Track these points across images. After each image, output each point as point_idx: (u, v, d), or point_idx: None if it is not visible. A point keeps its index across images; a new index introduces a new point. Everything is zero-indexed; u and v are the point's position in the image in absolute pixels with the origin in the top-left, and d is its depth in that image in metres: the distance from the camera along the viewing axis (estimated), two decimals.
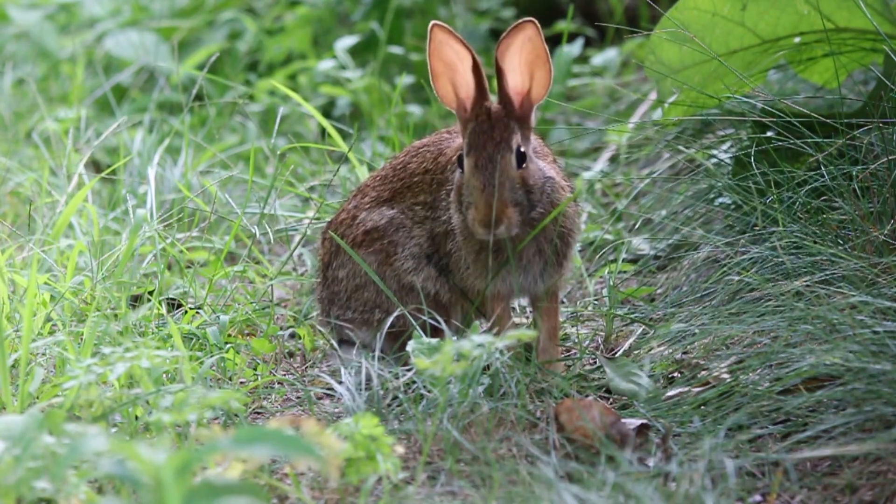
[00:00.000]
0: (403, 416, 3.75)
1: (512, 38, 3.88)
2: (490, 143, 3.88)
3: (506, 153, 3.87)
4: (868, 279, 3.89)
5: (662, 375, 4.03)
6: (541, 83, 3.93)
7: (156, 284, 4.51)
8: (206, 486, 2.80)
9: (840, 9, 4.50)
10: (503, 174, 3.86)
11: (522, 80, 3.93)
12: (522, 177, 3.89)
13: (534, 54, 3.91)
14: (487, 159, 3.86)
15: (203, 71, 5.53)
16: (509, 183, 3.86)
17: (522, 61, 3.91)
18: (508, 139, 3.88)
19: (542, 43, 3.90)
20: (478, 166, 3.86)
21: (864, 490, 3.43)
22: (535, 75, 3.93)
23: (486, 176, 3.85)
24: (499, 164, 3.86)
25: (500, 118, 3.90)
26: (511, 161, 3.87)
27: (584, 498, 3.32)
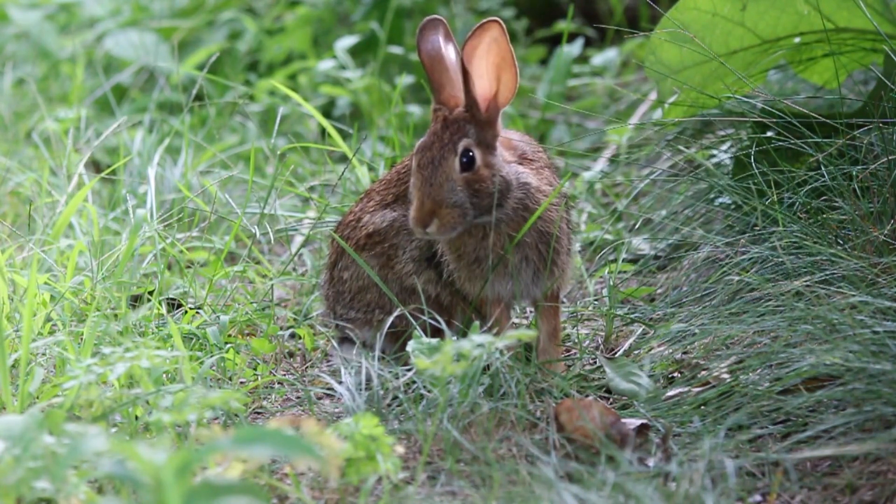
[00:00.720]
0: (403, 416, 3.75)
1: (477, 39, 3.88)
2: (437, 144, 3.90)
3: (448, 155, 3.89)
4: (868, 279, 3.89)
5: (662, 375, 4.03)
6: (507, 86, 3.94)
7: (156, 284, 4.51)
8: (206, 486, 2.80)
9: (840, 9, 4.50)
10: (442, 175, 3.87)
11: (490, 84, 3.93)
12: (467, 180, 3.89)
13: (500, 57, 3.91)
14: (429, 160, 3.89)
15: (203, 71, 5.53)
16: (448, 184, 3.88)
17: (489, 64, 3.91)
18: (456, 142, 3.90)
19: (507, 44, 3.90)
20: (420, 166, 3.90)
21: (864, 490, 3.43)
22: (501, 78, 3.93)
23: (424, 175, 3.88)
24: (439, 165, 3.87)
25: (455, 121, 3.92)
26: (453, 163, 3.89)
27: (584, 498, 3.32)
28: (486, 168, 3.92)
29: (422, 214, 3.88)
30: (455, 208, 3.88)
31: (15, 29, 7.38)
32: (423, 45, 3.98)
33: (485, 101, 3.94)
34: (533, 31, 6.96)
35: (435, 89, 3.98)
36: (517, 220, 3.96)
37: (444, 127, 3.93)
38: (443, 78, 3.97)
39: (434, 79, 3.97)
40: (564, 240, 4.05)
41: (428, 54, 3.98)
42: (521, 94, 6.44)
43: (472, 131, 3.92)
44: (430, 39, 3.98)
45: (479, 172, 3.91)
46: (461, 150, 3.90)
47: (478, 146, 3.92)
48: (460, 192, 3.89)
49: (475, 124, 3.93)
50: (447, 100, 3.97)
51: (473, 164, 3.91)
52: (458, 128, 3.92)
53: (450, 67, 3.96)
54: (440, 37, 3.99)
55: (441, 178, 3.88)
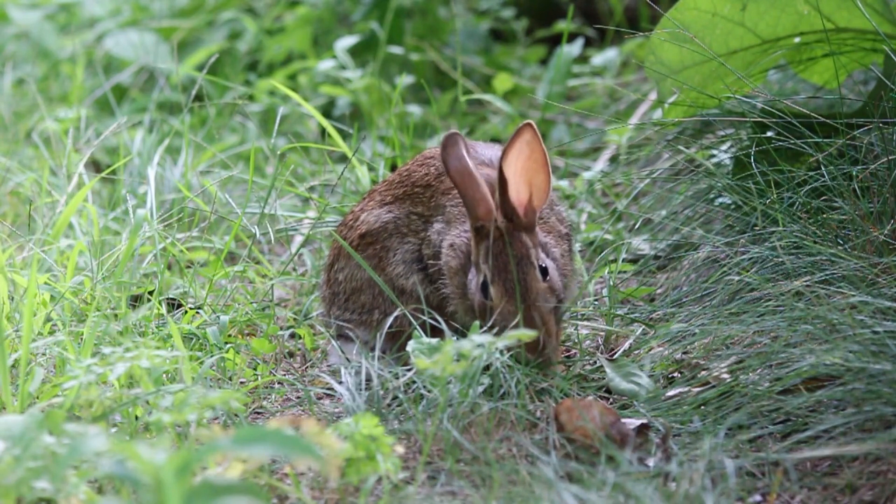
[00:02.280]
0: (403, 416, 3.75)
1: (516, 145, 3.83)
2: (508, 264, 3.86)
3: (528, 269, 3.86)
4: (868, 279, 3.89)
5: (662, 375, 4.03)
6: (541, 188, 3.90)
7: (156, 284, 4.51)
8: (206, 486, 2.80)
9: (840, 9, 4.50)
10: (534, 291, 3.85)
11: (524, 192, 3.89)
12: (550, 287, 3.89)
13: (533, 159, 3.87)
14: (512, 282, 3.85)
15: (203, 71, 5.53)
16: (542, 297, 3.86)
17: (521, 169, 3.87)
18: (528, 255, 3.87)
19: (540, 146, 3.86)
20: (507, 291, 3.86)
21: (864, 490, 3.43)
22: (534, 182, 3.89)
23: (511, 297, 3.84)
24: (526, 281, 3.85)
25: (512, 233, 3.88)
26: (536, 276, 3.87)
27: (584, 498, 3.32)
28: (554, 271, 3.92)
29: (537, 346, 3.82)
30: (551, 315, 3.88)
31: (15, 29, 7.37)
32: (451, 164, 3.90)
33: (522, 206, 3.89)
34: (533, 31, 6.96)
35: (470, 206, 3.89)
36: None
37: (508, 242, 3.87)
38: (476, 194, 3.89)
39: (468, 195, 3.89)
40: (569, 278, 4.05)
41: (458, 172, 3.90)
42: (521, 94, 6.44)
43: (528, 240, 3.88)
44: (455, 156, 3.90)
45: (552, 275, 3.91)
46: (537, 262, 3.88)
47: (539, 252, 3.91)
48: (550, 299, 3.88)
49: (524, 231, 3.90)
50: (484, 215, 3.89)
51: (547, 273, 3.90)
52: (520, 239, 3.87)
53: (479, 182, 3.88)
54: (463, 152, 3.91)
55: (533, 295, 3.85)
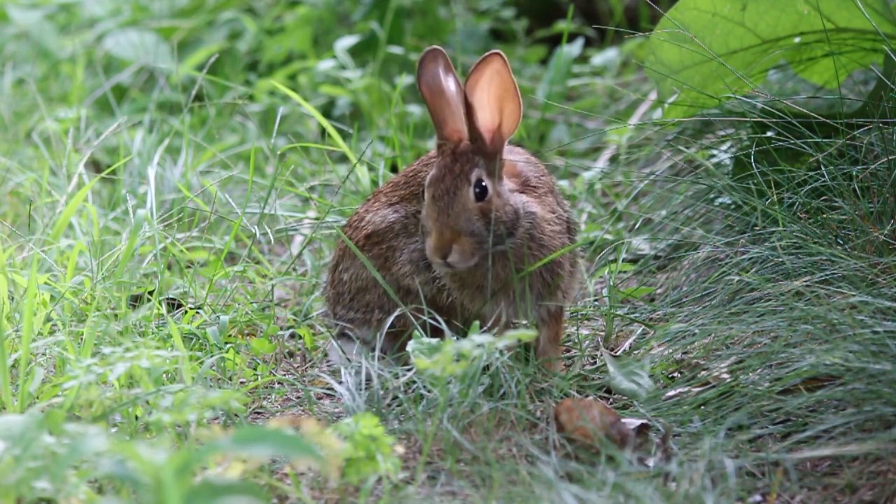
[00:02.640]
0: (403, 416, 3.75)
1: (479, 72, 3.88)
2: (449, 175, 3.91)
3: (462, 185, 3.90)
4: (868, 279, 3.89)
5: (662, 375, 4.03)
6: (511, 118, 3.94)
7: (156, 284, 4.51)
8: (206, 486, 2.80)
9: (840, 9, 4.50)
10: (458, 205, 3.88)
11: (493, 116, 3.93)
12: (482, 209, 3.90)
13: (502, 88, 3.91)
14: (444, 191, 3.90)
15: (203, 71, 5.53)
16: (465, 214, 3.88)
17: (491, 96, 3.92)
18: (468, 172, 3.91)
19: (510, 76, 3.91)
20: (434, 197, 3.90)
21: (864, 490, 3.43)
22: (504, 109, 3.93)
23: (440, 206, 3.89)
24: (454, 195, 3.89)
25: (464, 153, 3.93)
26: (468, 193, 3.89)
27: (584, 498, 3.32)
28: (497, 198, 3.93)
29: (441, 244, 3.88)
30: (473, 237, 3.89)
31: (15, 29, 7.37)
32: (424, 78, 3.98)
33: (489, 133, 3.94)
34: (533, 31, 6.96)
35: (438, 124, 3.97)
36: (525, 249, 3.97)
37: (453, 159, 3.93)
38: (445, 112, 3.96)
39: (436, 112, 3.97)
40: (567, 265, 4.05)
41: (429, 87, 3.97)
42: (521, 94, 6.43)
43: (482, 162, 3.93)
44: (430, 72, 3.98)
45: (492, 202, 3.92)
46: (474, 180, 3.91)
47: (488, 177, 3.93)
48: (476, 222, 3.90)
49: (482, 156, 3.93)
50: (451, 134, 3.96)
51: (486, 194, 3.92)
52: (468, 159, 3.93)
53: (451, 100, 3.96)
54: (440, 69, 3.98)
55: (458, 208, 3.89)
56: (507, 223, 3.93)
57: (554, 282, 4.01)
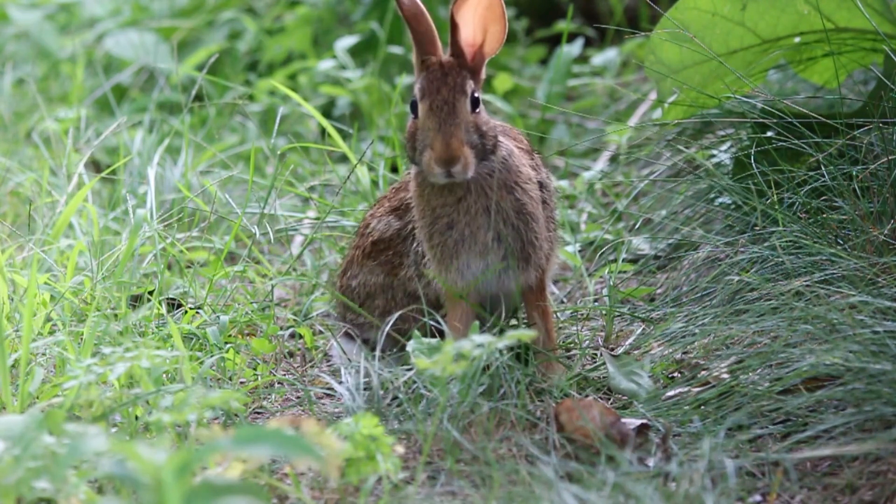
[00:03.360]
0: (403, 416, 3.75)
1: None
2: (444, 87, 3.90)
3: (460, 96, 3.90)
4: (868, 279, 3.89)
5: (662, 375, 4.03)
6: (494, 37, 3.96)
7: (156, 284, 4.51)
8: (206, 486, 2.80)
9: (840, 9, 4.50)
10: (458, 115, 3.88)
11: (475, 34, 3.95)
12: (476, 122, 3.90)
13: (489, 9, 3.93)
14: (443, 101, 3.89)
15: (203, 71, 5.53)
16: (464, 125, 3.88)
17: (477, 15, 3.93)
18: (463, 84, 3.91)
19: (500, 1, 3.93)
20: (433, 108, 3.89)
21: (864, 490, 3.43)
22: (489, 29, 3.95)
23: (441, 116, 3.88)
24: (454, 105, 3.89)
25: (452, 66, 3.93)
26: (466, 104, 3.90)
27: (584, 498, 3.32)
28: (484, 113, 3.95)
29: (450, 153, 3.84)
30: (472, 148, 3.88)
31: (15, 29, 7.38)
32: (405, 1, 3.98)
33: (471, 49, 3.95)
34: (533, 31, 6.96)
35: (418, 41, 3.97)
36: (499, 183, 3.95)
37: (444, 72, 3.92)
38: (426, 29, 3.97)
39: (417, 30, 3.97)
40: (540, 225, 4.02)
41: (410, 9, 3.97)
42: (522, 94, 6.44)
43: (468, 77, 3.93)
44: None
45: (480, 115, 3.93)
46: (470, 91, 3.91)
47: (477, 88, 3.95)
48: (473, 133, 3.90)
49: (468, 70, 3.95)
50: (431, 50, 3.97)
51: (478, 106, 3.93)
52: (458, 72, 3.93)
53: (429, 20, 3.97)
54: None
55: (459, 119, 3.88)
56: (491, 139, 3.92)
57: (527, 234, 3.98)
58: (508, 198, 3.95)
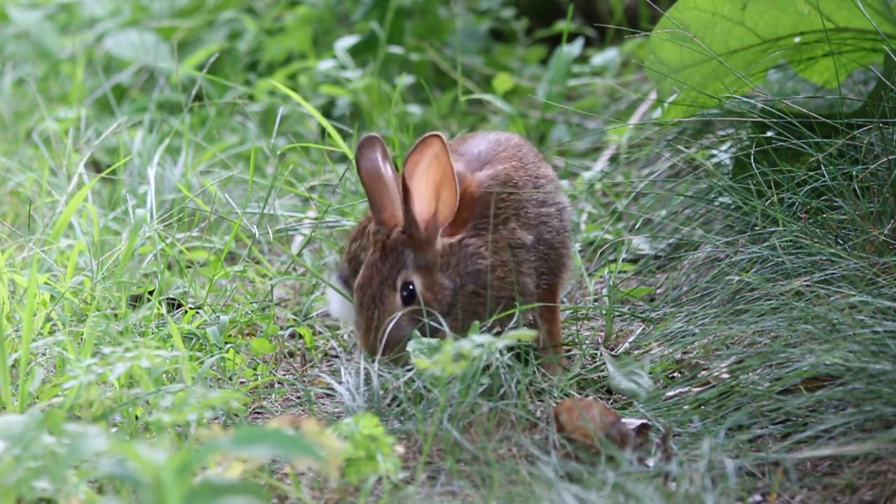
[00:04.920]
0: (403, 416, 3.75)
1: (419, 155, 3.81)
2: (376, 279, 3.87)
3: (389, 292, 3.86)
4: (868, 279, 3.89)
5: (662, 375, 4.03)
6: (447, 204, 3.88)
7: (156, 284, 4.51)
8: (206, 486, 2.80)
9: (840, 9, 4.50)
10: (385, 314, 3.85)
11: (429, 204, 3.87)
12: (411, 312, 3.85)
13: (440, 173, 3.84)
14: (370, 299, 3.86)
15: (203, 71, 5.53)
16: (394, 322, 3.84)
17: (429, 183, 3.85)
18: (394, 276, 3.86)
19: (448, 160, 3.83)
20: (362, 305, 3.87)
21: (864, 490, 3.43)
22: (441, 197, 3.87)
23: (368, 316, 3.86)
24: (381, 303, 3.85)
25: (393, 248, 3.87)
26: (394, 300, 3.86)
27: (584, 498, 3.32)
28: (429, 291, 3.88)
29: (370, 353, 3.84)
30: (402, 337, 3.84)
31: (15, 29, 7.37)
32: (363, 164, 3.91)
33: (424, 221, 3.87)
34: (533, 31, 6.96)
35: (375, 209, 3.90)
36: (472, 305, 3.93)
37: (382, 258, 3.87)
38: (384, 198, 3.90)
39: (374, 199, 3.90)
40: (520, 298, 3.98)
41: (368, 173, 3.90)
42: (521, 94, 6.44)
43: (411, 258, 3.87)
44: (369, 158, 3.91)
45: (424, 298, 3.87)
46: (401, 285, 3.86)
47: (418, 272, 3.87)
48: (406, 326, 3.86)
49: (414, 248, 3.88)
50: (388, 219, 3.90)
51: (414, 296, 3.87)
52: (397, 257, 3.87)
53: (389, 186, 3.89)
54: (378, 155, 3.91)
55: (384, 317, 3.85)
56: (443, 305, 3.88)
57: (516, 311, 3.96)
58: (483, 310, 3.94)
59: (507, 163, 4.07)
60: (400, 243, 3.88)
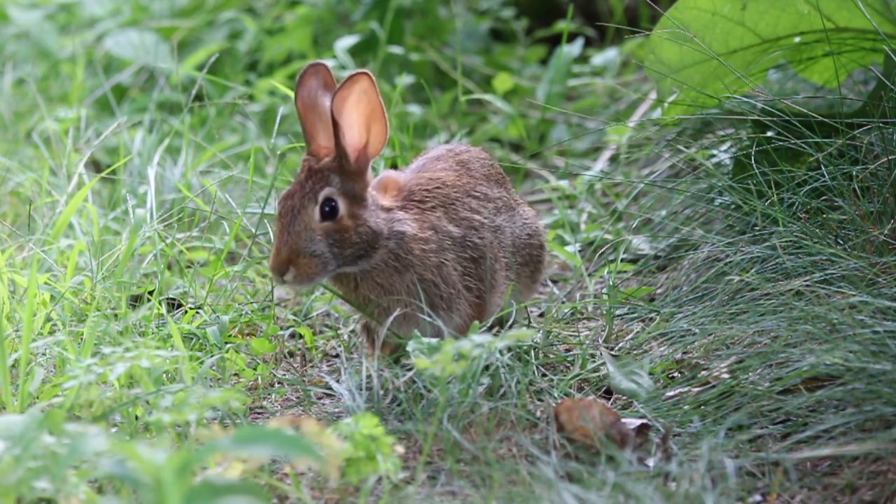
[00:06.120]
0: (403, 416, 3.75)
1: (347, 90, 3.84)
2: (298, 192, 3.88)
3: (308, 204, 3.86)
4: (868, 279, 3.89)
5: (662, 375, 4.03)
6: (378, 138, 3.90)
7: (156, 284, 4.51)
8: (206, 486, 2.80)
9: (840, 9, 4.50)
10: (300, 224, 3.85)
11: (360, 135, 3.90)
12: (328, 230, 3.86)
13: (370, 108, 3.87)
14: (289, 208, 3.87)
15: (203, 71, 5.53)
16: (307, 233, 3.85)
17: (360, 115, 3.88)
18: (317, 191, 3.87)
19: (377, 96, 3.87)
20: (280, 214, 3.88)
21: (864, 490, 3.43)
22: (371, 130, 3.90)
23: (283, 223, 3.86)
24: (298, 213, 3.86)
25: (320, 171, 3.89)
26: (313, 212, 3.86)
27: (584, 498, 3.32)
28: (351, 219, 3.88)
29: (278, 262, 3.85)
30: (313, 258, 3.85)
31: (15, 29, 7.38)
32: (300, 92, 3.93)
33: (355, 151, 3.89)
34: (533, 31, 6.97)
35: (307, 139, 3.93)
36: (390, 270, 3.94)
37: (308, 176, 3.89)
38: (315, 127, 3.92)
39: (307, 128, 3.93)
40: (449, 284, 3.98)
41: (303, 102, 3.93)
42: (521, 94, 6.44)
43: (338, 181, 3.88)
44: (307, 86, 3.93)
45: (342, 222, 3.87)
46: (322, 200, 3.87)
47: (343, 196, 3.88)
48: (319, 242, 3.86)
49: (342, 175, 3.89)
50: (317, 150, 3.92)
51: (336, 214, 3.87)
52: (322, 177, 3.88)
53: (323, 117, 3.91)
54: (318, 84, 3.93)
55: (300, 227, 3.85)
56: (358, 245, 3.89)
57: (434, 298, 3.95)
58: (406, 277, 3.94)
59: (444, 172, 4.11)
60: (328, 168, 3.91)
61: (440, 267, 3.96)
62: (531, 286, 4.24)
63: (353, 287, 3.94)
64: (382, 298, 3.93)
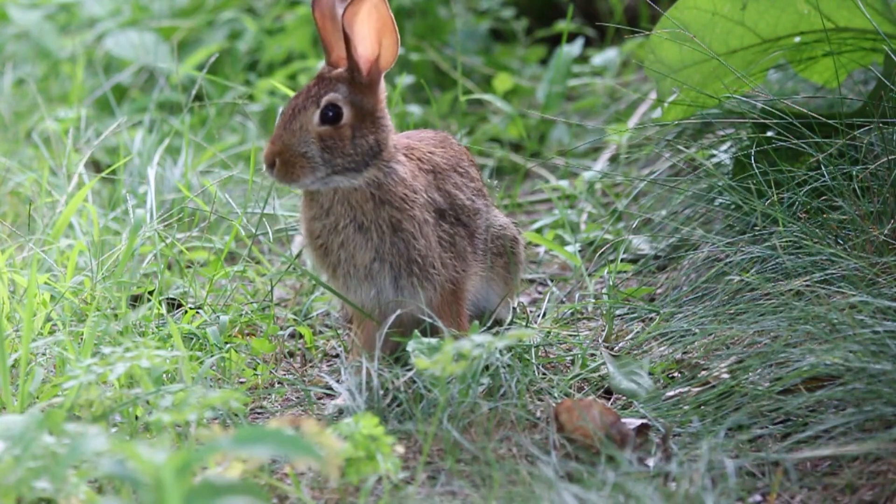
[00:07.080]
0: (403, 416, 3.75)
1: (357, 4, 3.88)
2: (304, 94, 3.93)
3: (310, 106, 3.91)
4: (868, 279, 3.89)
5: (662, 375, 4.03)
6: (389, 51, 3.95)
7: (156, 284, 4.51)
8: (206, 486, 2.80)
9: (840, 9, 4.50)
10: (298, 122, 3.89)
11: (371, 48, 3.94)
12: (323, 134, 3.90)
13: (381, 22, 3.92)
14: (292, 107, 3.92)
15: (203, 71, 5.53)
16: (302, 133, 3.89)
17: (371, 29, 3.92)
18: (321, 95, 3.92)
19: (387, 10, 3.92)
20: (283, 112, 3.94)
21: (864, 490, 3.43)
22: (383, 43, 3.94)
23: (283, 119, 3.91)
24: (299, 113, 3.90)
25: (330, 78, 3.94)
26: (313, 114, 3.90)
27: (584, 498, 3.32)
28: (352, 129, 3.92)
29: (268, 153, 3.90)
30: (302, 158, 3.89)
31: (15, 29, 7.37)
32: (317, 4, 3.99)
33: (367, 63, 3.95)
34: (533, 31, 6.96)
35: (326, 49, 4.00)
36: (368, 203, 3.95)
37: (317, 82, 3.95)
38: (332, 38, 3.99)
39: (325, 37, 4.00)
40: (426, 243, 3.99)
41: (321, 11, 3.99)
42: (521, 94, 6.44)
43: (345, 90, 3.93)
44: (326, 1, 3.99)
45: (341, 130, 3.92)
46: (325, 104, 3.91)
47: (349, 105, 3.93)
48: (312, 144, 3.90)
49: (353, 86, 3.94)
50: (336, 62, 3.99)
51: (338, 121, 3.92)
52: (330, 84, 3.93)
53: (339, 29, 3.96)
54: None
55: (296, 126, 3.90)
56: (351, 156, 3.92)
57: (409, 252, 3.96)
58: (382, 213, 3.95)
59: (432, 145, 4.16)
60: (338, 77, 3.96)
61: (422, 224, 3.97)
62: (508, 280, 4.23)
63: (327, 209, 3.95)
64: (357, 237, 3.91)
